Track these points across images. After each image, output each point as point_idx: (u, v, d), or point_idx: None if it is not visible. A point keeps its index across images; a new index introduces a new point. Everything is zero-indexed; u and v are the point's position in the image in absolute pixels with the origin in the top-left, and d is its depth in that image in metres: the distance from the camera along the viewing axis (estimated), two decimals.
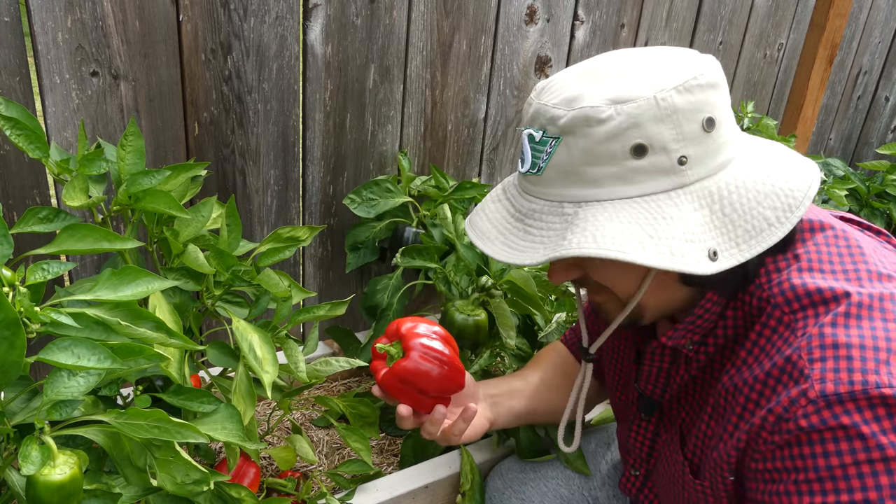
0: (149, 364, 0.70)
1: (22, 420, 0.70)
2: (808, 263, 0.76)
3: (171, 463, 0.77)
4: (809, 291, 0.73)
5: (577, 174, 0.73)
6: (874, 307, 0.70)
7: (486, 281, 1.37)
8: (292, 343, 1.04)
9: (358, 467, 1.23)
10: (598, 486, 1.19)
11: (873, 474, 0.65)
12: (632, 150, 0.71)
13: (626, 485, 1.06)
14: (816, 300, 0.73)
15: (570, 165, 0.73)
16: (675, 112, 0.71)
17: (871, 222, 2.26)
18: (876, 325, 0.68)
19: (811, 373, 0.68)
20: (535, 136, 0.76)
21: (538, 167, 0.76)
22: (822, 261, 0.76)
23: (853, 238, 0.79)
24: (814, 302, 0.73)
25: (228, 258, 0.96)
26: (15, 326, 0.59)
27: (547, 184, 0.76)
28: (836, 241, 0.78)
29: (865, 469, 0.65)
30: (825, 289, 0.72)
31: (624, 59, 0.76)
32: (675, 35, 2.09)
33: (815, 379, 0.67)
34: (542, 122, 0.75)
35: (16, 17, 1.11)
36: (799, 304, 0.74)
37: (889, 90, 2.95)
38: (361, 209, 1.54)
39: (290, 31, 1.38)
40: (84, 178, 0.88)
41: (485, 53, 1.69)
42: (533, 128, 0.77)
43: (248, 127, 1.41)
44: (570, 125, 0.72)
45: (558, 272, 0.84)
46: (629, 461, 1.05)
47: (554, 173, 0.75)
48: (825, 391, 0.66)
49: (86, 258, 1.32)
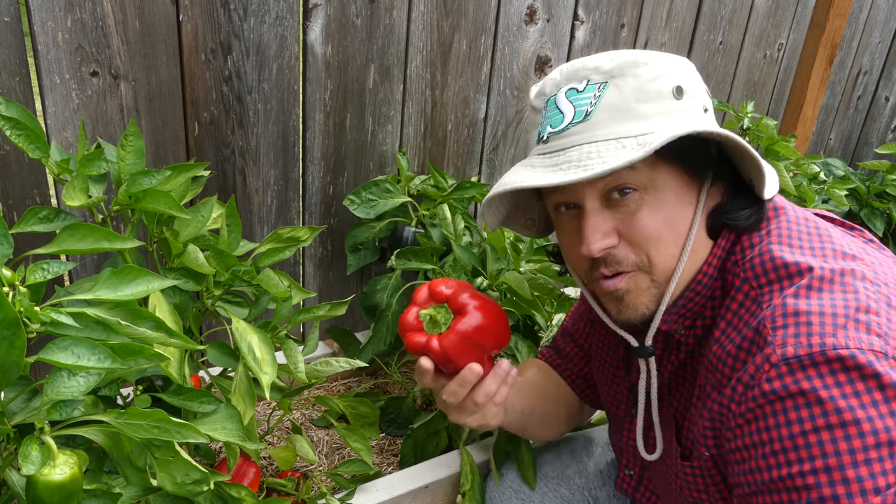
0: (149, 364, 0.70)
1: (22, 420, 0.70)
2: (779, 238, 0.81)
3: (171, 463, 0.77)
4: (777, 266, 0.77)
5: (630, 111, 0.79)
6: (835, 280, 0.73)
7: (482, 282, 1.37)
8: (292, 343, 1.04)
9: (358, 467, 1.23)
10: (598, 486, 1.19)
11: (832, 440, 0.66)
12: (674, 90, 0.80)
13: (621, 485, 1.06)
14: (782, 274, 0.77)
15: (624, 103, 0.79)
16: (689, 71, 0.84)
17: (872, 222, 2.27)
18: (835, 296, 0.72)
19: (773, 339, 0.71)
20: (579, 87, 0.82)
21: (585, 112, 0.80)
22: (792, 237, 0.80)
23: (821, 223, 0.84)
24: (779, 276, 0.77)
25: (228, 258, 0.96)
26: (15, 326, 0.59)
27: (596, 126, 0.80)
28: (807, 222, 0.83)
29: (825, 436, 0.66)
30: (791, 263, 0.76)
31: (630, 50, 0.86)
32: (675, 35, 2.09)
33: (776, 344, 0.71)
34: (583, 74, 0.82)
35: (16, 17, 1.11)
36: (766, 278, 0.78)
37: (889, 90, 2.95)
38: (361, 210, 1.54)
39: (290, 31, 1.38)
40: (84, 178, 0.88)
41: (485, 53, 1.69)
42: (572, 83, 0.83)
43: (248, 127, 1.41)
44: (619, 68, 0.80)
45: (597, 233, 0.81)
46: (622, 461, 1.05)
47: (606, 114, 0.80)
48: (786, 354, 0.69)
49: (86, 258, 1.32)
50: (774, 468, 0.70)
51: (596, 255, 0.81)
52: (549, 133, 0.82)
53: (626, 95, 0.79)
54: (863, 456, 0.65)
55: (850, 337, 0.68)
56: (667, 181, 0.81)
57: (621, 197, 0.80)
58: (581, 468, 1.21)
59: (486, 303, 0.91)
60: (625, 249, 0.82)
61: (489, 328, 0.90)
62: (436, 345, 0.89)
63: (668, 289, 0.83)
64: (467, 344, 0.89)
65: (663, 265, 0.82)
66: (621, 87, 0.79)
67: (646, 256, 0.82)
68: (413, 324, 0.92)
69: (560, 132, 0.81)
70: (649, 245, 0.81)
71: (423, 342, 0.90)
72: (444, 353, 0.89)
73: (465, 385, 0.90)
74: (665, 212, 0.81)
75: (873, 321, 0.69)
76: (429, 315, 0.91)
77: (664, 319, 0.85)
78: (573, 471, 1.21)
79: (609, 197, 0.81)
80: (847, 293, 0.72)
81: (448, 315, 0.91)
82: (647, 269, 0.82)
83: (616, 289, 0.84)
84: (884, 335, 0.68)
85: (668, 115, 0.79)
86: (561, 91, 0.83)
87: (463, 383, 0.90)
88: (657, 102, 0.80)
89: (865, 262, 0.77)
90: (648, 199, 0.80)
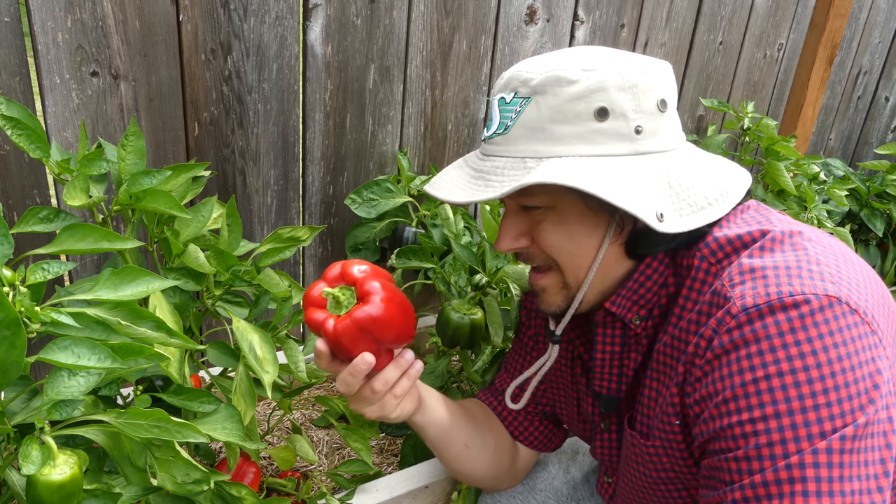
0: (149, 364, 0.70)
1: (22, 420, 0.70)
2: (727, 223, 0.83)
3: (171, 462, 0.77)
4: (731, 239, 0.80)
5: (543, 131, 0.79)
6: (785, 242, 0.77)
7: (481, 279, 1.37)
8: (292, 343, 1.04)
9: (358, 467, 1.23)
10: (586, 497, 1.20)
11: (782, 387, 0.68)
12: (596, 112, 0.78)
13: (600, 490, 1.07)
14: (737, 245, 0.80)
15: (538, 122, 0.80)
16: (635, 85, 0.79)
17: (872, 222, 2.27)
18: (787, 254, 0.76)
19: (732, 294, 0.74)
20: (507, 97, 0.82)
21: (505, 126, 0.82)
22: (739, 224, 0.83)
23: (774, 211, 0.87)
24: (735, 248, 0.80)
25: (229, 258, 0.96)
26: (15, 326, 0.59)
27: (512, 141, 0.82)
28: (759, 210, 0.86)
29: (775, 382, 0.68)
30: (744, 234, 0.80)
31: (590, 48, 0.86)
32: (674, 35, 2.09)
33: (735, 297, 0.73)
34: (514, 85, 0.82)
35: (16, 17, 1.11)
36: (723, 252, 0.80)
37: (889, 90, 2.95)
38: (362, 209, 1.54)
39: (290, 31, 1.38)
40: (85, 178, 0.88)
41: (485, 53, 1.69)
42: (505, 92, 0.83)
43: (248, 127, 1.41)
44: (542, 85, 0.79)
45: (508, 235, 0.87)
46: (602, 468, 1.06)
47: (521, 130, 0.81)
48: (745, 305, 0.72)
49: (86, 258, 1.32)
50: (725, 416, 0.72)
51: (503, 251, 0.89)
52: (484, 135, 0.87)
53: (543, 115, 0.79)
54: (811, 401, 0.66)
55: (805, 284, 0.71)
56: (570, 204, 0.83)
57: (529, 209, 0.86)
58: (569, 479, 1.21)
59: (394, 295, 0.85)
60: (536, 249, 0.88)
61: (390, 322, 0.83)
62: (330, 326, 0.84)
63: (578, 293, 0.88)
64: (362, 334, 0.83)
65: (572, 273, 0.87)
66: (540, 105, 0.79)
67: (554, 261, 0.87)
68: (316, 298, 0.87)
69: (489, 138, 0.85)
70: (554, 253, 0.86)
71: (319, 320, 0.85)
72: (335, 338, 0.84)
73: (356, 375, 0.85)
74: (567, 228, 0.84)
75: (825, 270, 0.72)
76: (332, 294, 0.85)
77: (613, 301, 0.88)
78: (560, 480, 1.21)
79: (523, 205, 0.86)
80: (797, 250, 0.76)
81: (352, 299, 0.85)
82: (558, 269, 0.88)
83: (536, 284, 0.91)
84: (836, 282, 0.71)
85: (583, 139, 0.79)
86: (496, 97, 0.85)
87: (354, 372, 0.85)
88: (574, 124, 0.78)
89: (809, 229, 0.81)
90: (551, 215, 0.84)
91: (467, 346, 1.36)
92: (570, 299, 0.89)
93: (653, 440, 0.86)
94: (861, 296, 0.71)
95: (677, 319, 0.83)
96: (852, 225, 2.36)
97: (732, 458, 0.70)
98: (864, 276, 0.76)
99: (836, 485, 0.65)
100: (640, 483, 0.91)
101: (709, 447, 0.75)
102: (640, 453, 0.89)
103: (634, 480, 0.93)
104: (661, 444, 0.85)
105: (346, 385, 0.86)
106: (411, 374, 0.90)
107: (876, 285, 0.77)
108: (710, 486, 0.75)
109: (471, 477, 1.11)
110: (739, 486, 0.69)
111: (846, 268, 0.74)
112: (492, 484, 1.15)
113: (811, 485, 0.65)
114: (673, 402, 0.81)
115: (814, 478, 0.65)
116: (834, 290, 0.70)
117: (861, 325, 0.69)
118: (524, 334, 1.13)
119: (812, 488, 0.65)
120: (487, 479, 1.13)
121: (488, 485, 1.16)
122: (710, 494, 0.74)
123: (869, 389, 0.67)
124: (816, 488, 0.65)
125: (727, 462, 0.71)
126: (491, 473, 1.12)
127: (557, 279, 0.89)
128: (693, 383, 0.77)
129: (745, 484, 0.69)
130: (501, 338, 1.32)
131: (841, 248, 0.79)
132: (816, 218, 1.98)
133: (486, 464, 1.10)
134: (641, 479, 0.91)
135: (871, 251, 2.39)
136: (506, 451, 1.12)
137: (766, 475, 0.67)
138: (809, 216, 1.97)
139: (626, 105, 0.79)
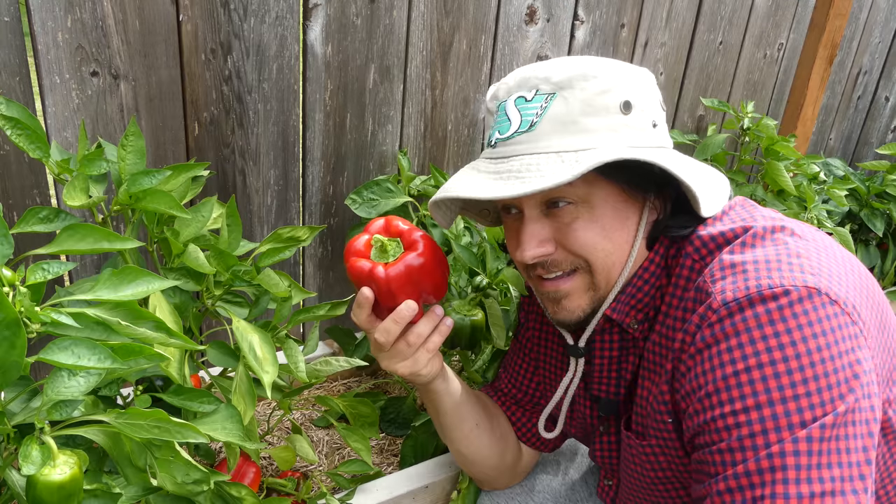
0: (149, 364, 0.70)
1: (22, 420, 0.70)
2: (713, 221, 0.84)
3: (171, 463, 0.77)
4: (714, 236, 0.82)
5: (574, 124, 0.80)
6: (766, 237, 0.79)
7: (481, 280, 1.37)
8: (292, 343, 1.04)
9: (358, 467, 1.23)
10: (584, 498, 1.20)
11: (762, 378, 0.68)
12: (621, 105, 0.80)
13: (601, 494, 1.07)
14: (720, 242, 0.81)
15: (569, 116, 0.80)
16: (642, 84, 0.83)
17: (872, 222, 2.27)
18: (767, 248, 0.77)
19: (713, 289, 0.75)
20: (527, 96, 0.82)
21: (530, 123, 0.81)
22: (724, 222, 0.84)
23: (759, 207, 0.88)
24: (718, 245, 0.81)
25: (228, 258, 0.96)
26: (15, 326, 0.59)
27: (541, 137, 0.81)
28: (744, 206, 0.87)
29: (755, 374, 0.69)
30: (727, 231, 0.81)
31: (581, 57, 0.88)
32: (674, 35, 2.09)
33: (716, 292, 0.75)
34: (533, 83, 0.82)
35: (16, 17, 1.11)
36: (707, 249, 0.82)
37: (889, 90, 2.95)
38: (363, 209, 1.54)
39: (290, 30, 1.38)
40: (84, 178, 0.88)
41: (485, 53, 1.69)
42: (521, 91, 0.83)
43: (248, 127, 1.41)
44: (568, 80, 0.80)
45: (532, 242, 0.84)
46: (601, 472, 1.06)
47: (550, 125, 0.80)
48: (725, 299, 0.73)
49: (86, 258, 1.32)
50: (709, 409, 0.72)
51: (529, 261, 0.85)
52: (496, 139, 0.84)
53: (572, 108, 0.80)
54: (791, 391, 0.67)
55: (784, 276, 0.71)
56: (604, 197, 0.83)
57: (557, 208, 0.83)
58: (567, 480, 1.22)
59: (436, 250, 0.89)
60: (562, 254, 0.85)
61: (434, 272, 0.88)
62: (381, 272, 0.86)
63: (608, 295, 0.87)
64: (410, 280, 0.87)
65: (604, 273, 0.85)
66: (568, 99, 0.80)
67: (584, 261, 0.85)
68: (361, 250, 0.89)
69: (507, 139, 0.83)
70: (586, 253, 0.84)
71: (368, 268, 0.87)
72: (387, 284, 0.86)
73: (399, 322, 0.87)
74: (601, 224, 0.83)
75: (805, 263, 0.73)
76: (381, 241, 0.88)
77: (613, 308, 0.87)
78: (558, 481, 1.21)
79: (547, 206, 0.84)
80: (778, 245, 0.77)
81: (398, 248, 0.89)
82: (587, 271, 0.86)
83: (557, 290, 0.87)
84: (816, 273, 0.72)
85: (613, 131, 0.80)
86: (511, 98, 0.83)
87: (398, 319, 0.87)
88: (603, 117, 0.80)
89: (794, 224, 0.82)
90: (583, 211, 0.83)
91: (467, 347, 1.36)
92: (599, 301, 0.87)
93: (648, 440, 0.86)
94: (842, 287, 0.72)
95: (664, 317, 0.84)
96: (852, 225, 2.36)
97: (717, 451, 0.71)
98: (848, 269, 0.76)
99: (815, 472, 0.65)
100: (641, 484, 0.91)
101: (696, 441, 0.75)
102: (638, 454, 0.89)
103: (634, 482, 0.93)
104: (656, 443, 0.85)
105: (385, 334, 0.88)
106: (442, 329, 0.93)
107: (860, 277, 0.78)
108: (698, 479, 0.75)
109: (476, 463, 1.11)
110: (724, 478, 0.70)
111: (828, 260, 0.75)
112: (494, 476, 1.15)
113: (791, 472, 0.66)
114: (664, 400, 0.82)
115: (794, 465, 0.66)
116: (813, 282, 0.70)
117: (841, 315, 0.69)
118: (522, 335, 1.13)
119: (792, 476, 0.66)
120: (491, 470, 1.13)
121: (491, 475, 1.15)
122: (698, 488, 0.75)
123: (849, 379, 0.67)
124: (796, 476, 0.66)
125: (711, 455, 0.72)
126: (495, 462, 1.12)
127: (584, 281, 0.86)
128: (679, 379, 0.78)
129: (728, 475, 0.70)
130: (504, 340, 1.32)
131: (826, 241, 0.80)
132: (816, 218, 1.98)
133: (493, 450, 1.10)
134: (641, 480, 0.91)
135: (871, 251, 2.39)
136: (510, 443, 1.13)
137: (749, 465, 0.68)
138: (809, 216, 1.97)
139: (643, 100, 0.82)
